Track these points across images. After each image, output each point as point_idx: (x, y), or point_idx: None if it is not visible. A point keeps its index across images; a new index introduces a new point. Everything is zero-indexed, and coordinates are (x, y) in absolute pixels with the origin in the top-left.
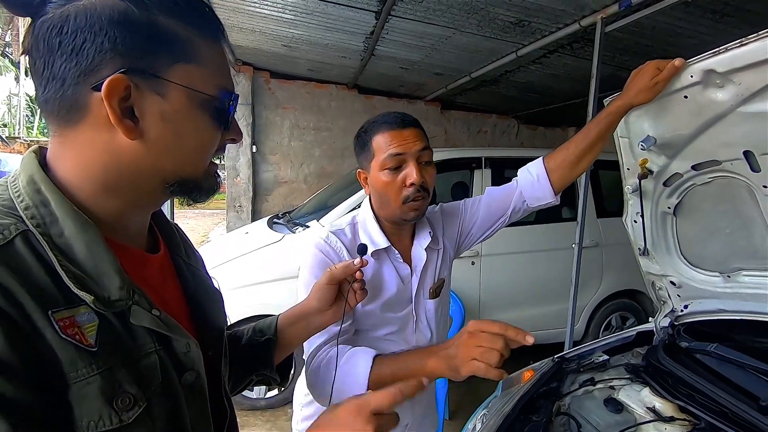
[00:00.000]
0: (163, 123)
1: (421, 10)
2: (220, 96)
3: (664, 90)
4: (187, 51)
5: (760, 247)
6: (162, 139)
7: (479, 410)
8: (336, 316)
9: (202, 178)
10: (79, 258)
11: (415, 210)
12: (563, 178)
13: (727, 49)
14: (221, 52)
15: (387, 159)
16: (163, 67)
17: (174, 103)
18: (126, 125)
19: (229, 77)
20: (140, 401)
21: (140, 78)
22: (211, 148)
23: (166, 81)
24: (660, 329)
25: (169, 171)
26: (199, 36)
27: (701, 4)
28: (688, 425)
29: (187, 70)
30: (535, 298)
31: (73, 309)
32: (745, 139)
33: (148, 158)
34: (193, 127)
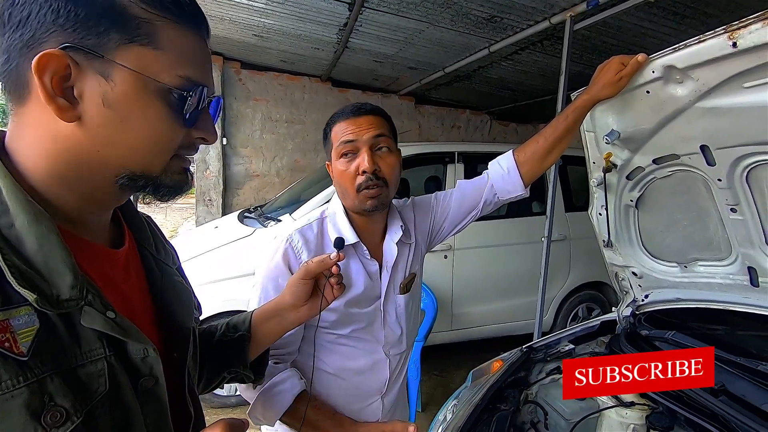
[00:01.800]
0: (105, 108)
1: (395, 2)
2: (181, 87)
3: (628, 85)
4: (144, 32)
5: (714, 238)
6: (103, 126)
7: (450, 401)
8: (311, 312)
9: (161, 175)
10: (28, 252)
11: (371, 198)
12: (533, 171)
13: (687, 45)
14: (195, 41)
15: (340, 146)
16: (111, 46)
17: (119, 87)
18: (58, 104)
19: (203, 70)
20: (74, 416)
21: (83, 56)
22: (169, 142)
23: (111, 62)
24: (622, 318)
25: (114, 163)
26: (164, 18)
27: (664, 5)
28: (647, 409)
29: (140, 52)
30: (506, 291)
31: (10, 311)
32: (702, 134)
33: (89, 145)
34: (141, 116)
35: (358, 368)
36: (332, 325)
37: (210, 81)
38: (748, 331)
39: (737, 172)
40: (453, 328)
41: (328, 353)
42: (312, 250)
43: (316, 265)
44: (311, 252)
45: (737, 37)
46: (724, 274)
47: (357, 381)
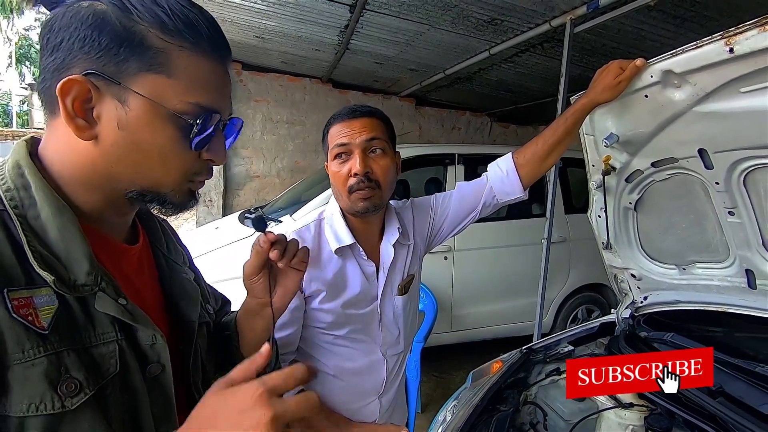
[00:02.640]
0: (120, 130)
1: (396, 4)
2: (190, 113)
3: (627, 89)
4: (159, 61)
5: (712, 241)
6: (115, 146)
7: (449, 402)
8: (283, 301)
9: (170, 193)
10: (51, 241)
11: (363, 200)
12: (532, 173)
13: (684, 50)
14: (210, 66)
15: (334, 148)
16: (128, 74)
17: (133, 111)
18: (77, 124)
19: (216, 95)
20: (87, 388)
21: (103, 81)
22: (180, 165)
23: (127, 88)
24: (621, 320)
25: (125, 179)
26: (179, 46)
27: (664, 9)
28: (646, 411)
29: (154, 80)
30: (506, 292)
31: (33, 290)
32: (699, 138)
33: (102, 162)
34: (151, 140)
35: (355, 369)
36: (329, 326)
37: (225, 104)
38: (746, 333)
39: (734, 176)
40: (453, 330)
41: (326, 354)
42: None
43: (250, 263)
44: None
45: (734, 42)
46: (722, 276)
47: (355, 381)
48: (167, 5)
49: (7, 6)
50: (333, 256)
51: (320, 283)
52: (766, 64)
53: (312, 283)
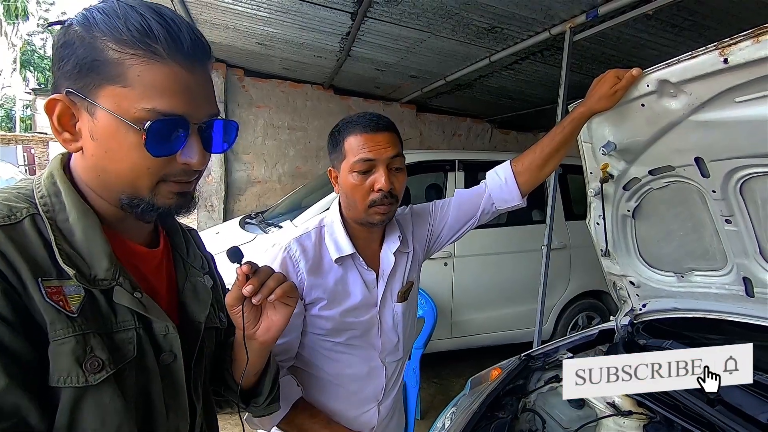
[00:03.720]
0: (93, 141)
1: (397, 12)
2: (149, 119)
3: (623, 98)
4: (115, 72)
5: (709, 249)
6: (95, 157)
7: (448, 408)
8: (267, 336)
9: (151, 198)
10: (77, 240)
11: (380, 215)
12: (530, 181)
13: (680, 60)
14: (166, 71)
15: (357, 163)
16: (93, 88)
17: (100, 122)
18: (63, 138)
19: (176, 99)
20: (108, 367)
21: (77, 98)
22: (149, 170)
23: (91, 102)
24: (620, 327)
25: (113, 186)
26: (133, 55)
27: (662, 17)
28: (645, 419)
29: (113, 91)
30: (506, 299)
31: (63, 281)
32: (696, 146)
33: (91, 171)
34: (119, 148)
35: (354, 375)
36: (329, 332)
37: (193, 107)
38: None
39: (731, 184)
40: (453, 336)
41: (325, 360)
42: (310, 259)
43: (229, 295)
44: (309, 261)
45: (728, 53)
46: (720, 284)
47: (354, 388)
48: (125, 16)
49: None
50: (333, 264)
51: (321, 291)
52: (760, 75)
53: (313, 291)
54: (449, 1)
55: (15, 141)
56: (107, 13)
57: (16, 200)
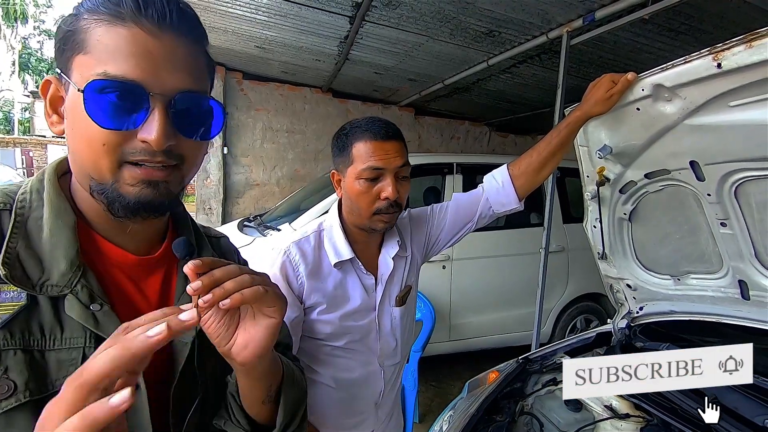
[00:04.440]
0: (66, 120)
1: (395, 17)
2: (97, 85)
3: (619, 102)
4: (80, 39)
5: (705, 252)
6: (68, 137)
7: (446, 411)
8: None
9: (114, 184)
10: (42, 240)
11: (384, 222)
12: (527, 185)
13: (674, 65)
14: (128, 35)
15: (366, 170)
16: (67, 63)
17: (69, 97)
18: (51, 121)
19: (133, 63)
20: (22, 394)
21: (63, 79)
22: (105, 146)
23: (64, 78)
24: (618, 330)
25: (82, 170)
26: (97, 21)
27: (659, 22)
28: (642, 422)
29: (79, 61)
30: (505, 302)
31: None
32: (691, 150)
33: (71, 157)
34: (79, 122)
35: (353, 379)
36: (327, 337)
37: (152, 74)
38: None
39: (726, 188)
40: (451, 339)
41: (324, 365)
42: (309, 263)
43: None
44: (309, 265)
45: (721, 58)
46: (716, 287)
47: (352, 392)
48: None
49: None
50: (333, 268)
51: (321, 296)
52: (753, 79)
53: (312, 295)
54: (447, 5)
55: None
56: None
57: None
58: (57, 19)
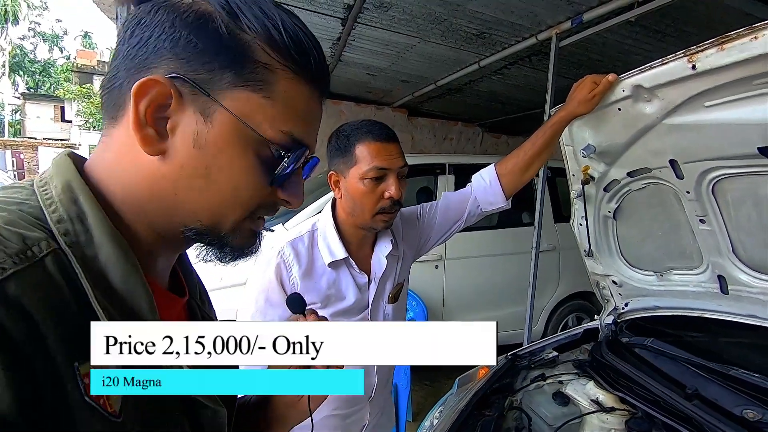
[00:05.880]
0: (195, 149)
1: (387, 18)
2: (281, 143)
3: (601, 102)
4: (260, 78)
5: (686, 248)
6: (186, 168)
7: (436, 407)
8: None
9: (229, 234)
10: (115, 291)
11: (385, 221)
12: (513, 184)
13: (651, 66)
14: (310, 97)
15: (371, 170)
16: (221, 86)
17: (216, 129)
18: (146, 134)
19: (309, 129)
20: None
21: (188, 89)
22: (249, 198)
23: (215, 102)
24: (604, 326)
25: (187, 209)
26: (285, 67)
27: (646, 24)
28: (627, 415)
29: (249, 99)
30: (497, 300)
31: None
32: (670, 149)
33: (166, 184)
34: (228, 165)
35: None
36: None
37: (313, 141)
38: (722, 337)
39: (704, 185)
40: None
41: None
42: (303, 263)
43: None
44: (302, 265)
45: (696, 60)
46: (697, 282)
47: None
48: (280, 19)
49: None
50: (326, 268)
51: (314, 295)
52: (725, 80)
53: (306, 295)
54: (438, 7)
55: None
56: (259, 7)
57: (26, 225)
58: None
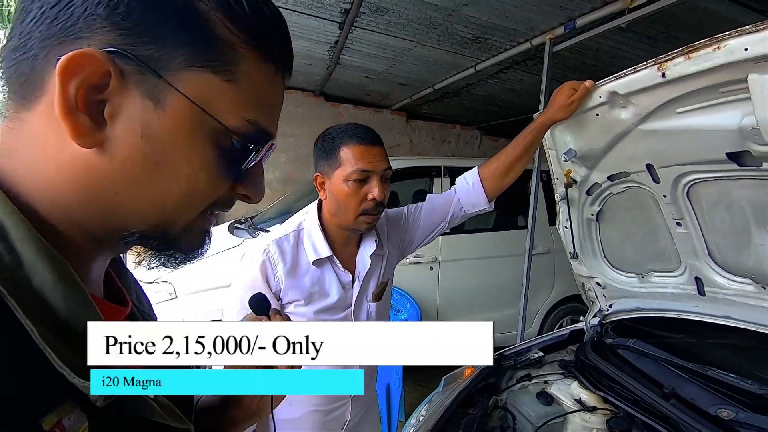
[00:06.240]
0: (142, 140)
1: (383, 23)
2: (246, 133)
3: (580, 108)
4: (222, 58)
5: (665, 250)
6: (131, 162)
7: (421, 405)
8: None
9: (181, 235)
10: (61, 320)
11: (368, 223)
12: (496, 186)
13: (625, 74)
14: (275, 81)
15: (355, 172)
16: (175, 66)
17: (168, 118)
18: (77, 121)
19: (273, 117)
20: None
21: (133, 68)
22: (206, 197)
23: (168, 85)
24: (590, 327)
25: (130, 211)
26: (251, 50)
27: (638, 30)
28: (609, 414)
29: (208, 81)
30: (492, 303)
31: (60, 408)
32: (646, 154)
33: (104, 184)
34: (183, 160)
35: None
36: None
37: (276, 129)
38: (702, 338)
39: (679, 189)
40: None
41: None
42: (288, 261)
43: None
44: (287, 263)
45: (665, 68)
46: (676, 284)
47: None
48: None
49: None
50: (311, 266)
51: (298, 292)
52: (694, 88)
53: (290, 292)
54: (433, 12)
55: None
56: None
57: None
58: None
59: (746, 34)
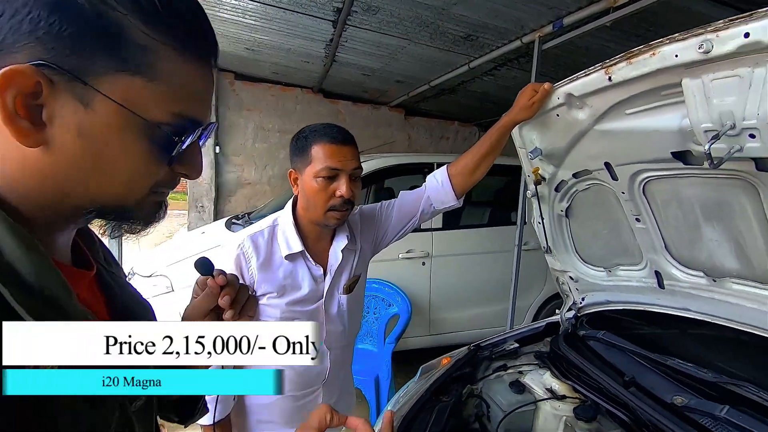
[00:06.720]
0: (79, 138)
1: (376, 21)
2: (173, 124)
3: (542, 108)
4: (140, 61)
5: (628, 245)
6: (74, 157)
7: (398, 393)
8: None
9: (134, 208)
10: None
11: (336, 219)
12: (463, 184)
13: (578, 77)
14: (199, 71)
15: (324, 170)
16: (97, 72)
17: (100, 118)
18: (19, 126)
19: (201, 103)
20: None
21: (61, 77)
22: (146, 178)
23: (93, 90)
24: (565, 320)
25: (82, 195)
26: (165, 45)
27: (625, 28)
28: (577, 402)
29: (131, 83)
30: (483, 298)
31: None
32: (604, 152)
33: (53, 175)
34: (119, 152)
35: None
36: (276, 320)
37: (208, 113)
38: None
39: (635, 186)
40: (431, 333)
41: None
42: (261, 255)
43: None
44: (261, 257)
45: (611, 72)
46: (639, 277)
47: (299, 369)
48: None
49: None
50: (284, 260)
51: (271, 285)
52: (638, 91)
53: (263, 285)
54: (424, 11)
55: None
56: None
57: None
58: None
59: (676, 41)
